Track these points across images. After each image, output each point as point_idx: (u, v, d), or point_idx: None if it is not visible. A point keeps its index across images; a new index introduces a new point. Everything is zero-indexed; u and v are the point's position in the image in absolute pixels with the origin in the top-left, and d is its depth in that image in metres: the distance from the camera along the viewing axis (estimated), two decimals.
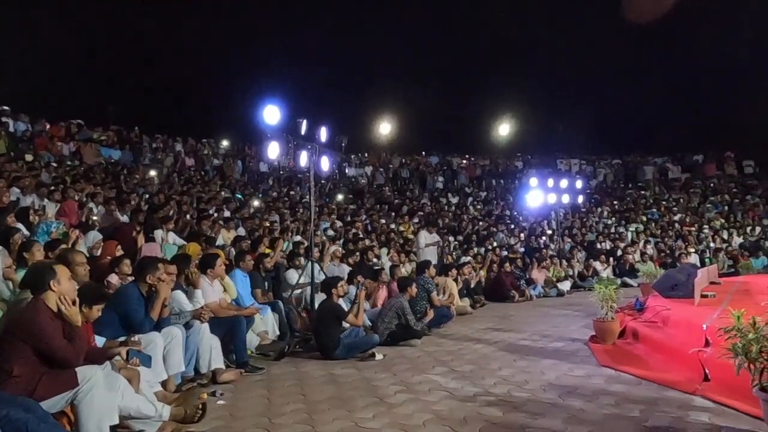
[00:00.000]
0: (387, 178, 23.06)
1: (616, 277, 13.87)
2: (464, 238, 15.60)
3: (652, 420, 3.70)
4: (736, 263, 15.06)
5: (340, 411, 4.19)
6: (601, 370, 5.19)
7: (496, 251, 14.04)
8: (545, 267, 13.48)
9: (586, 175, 24.58)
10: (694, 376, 4.58)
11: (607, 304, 6.47)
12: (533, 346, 6.57)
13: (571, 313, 9.43)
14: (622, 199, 22.37)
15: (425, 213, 17.69)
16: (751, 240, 16.98)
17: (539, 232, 17.37)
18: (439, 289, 9.34)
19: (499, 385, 4.78)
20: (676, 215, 19.98)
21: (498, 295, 11.73)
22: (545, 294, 12.51)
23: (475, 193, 22.45)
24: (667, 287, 7.60)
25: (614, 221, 19.40)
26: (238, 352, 5.62)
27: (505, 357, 5.94)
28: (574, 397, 4.33)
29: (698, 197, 22.27)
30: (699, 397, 4.17)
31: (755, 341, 3.17)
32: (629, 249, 15.73)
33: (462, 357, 6.07)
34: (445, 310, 8.49)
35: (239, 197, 15.39)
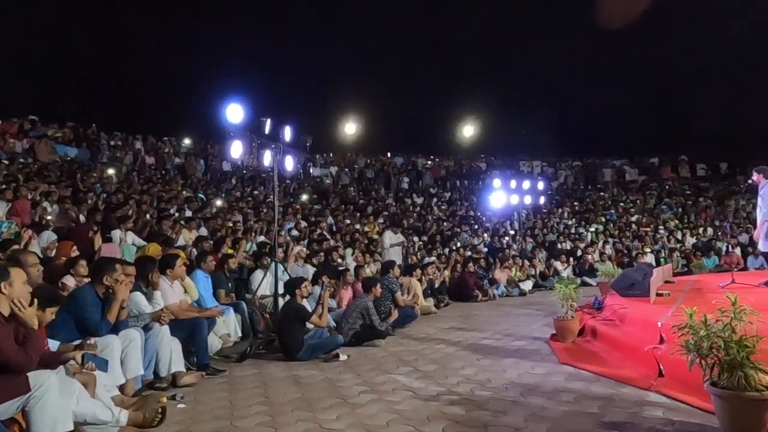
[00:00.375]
0: (352, 178, 23.05)
1: (576, 276, 14.21)
2: (429, 239, 15.70)
3: (609, 416, 3.79)
4: (690, 263, 15.62)
5: (303, 412, 4.16)
6: (561, 368, 5.30)
7: (459, 251, 14.17)
8: (508, 267, 13.69)
9: (548, 177, 25.10)
10: (649, 372, 4.71)
11: (567, 303, 6.62)
12: (496, 345, 6.65)
13: (533, 312, 9.60)
14: (582, 201, 22.93)
15: (390, 213, 17.74)
16: (703, 240, 17.62)
17: (502, 232, 17.63)
18: (403, 289, 9.38)
19: (462, 384, 4.82)
20: (633, 216, 20.59)
21: (462, 294, 11.85)
22: (508, 293, 12.70)
23: (439, 194, 22.65)
24: (624, 286, 7.81)
25: (574, 222, 19.86)
26: (199, 354, 5.52)
27: (468, 356, 6.01)
28: (534, 394, 4.40)
29: (654, 199, 23.01)
30: (654, 392, 4.29)
31: (706, 338, 3.28)
32: (589, 249, 16.12)
33: (426, 356, 6.11)
34: (409, 310, 8.53)
35: (201, 197, 15.13)
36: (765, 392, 3.11)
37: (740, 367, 3.13)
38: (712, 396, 3.31)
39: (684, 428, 3.49)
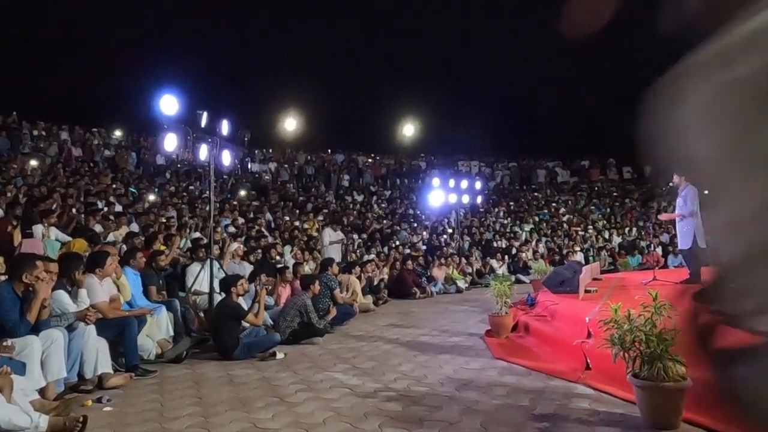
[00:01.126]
0: (292, 174, 22.77)
1: (511, 274, 14.64)
2: (368, 236, 15.75)
3: (540, 408, 3.92)
4: (616, 261, 16.41)
5: (238, 412, 4.07)
6: (495, 363, 5.44)
7: (399, 249, 14.31)
8: (445, 265, 13.93)
9: (485, 177, 25.68)
10: (577, 365, 4.92)
11: (502, 300, 6.81)
12: (432, 341, 6.75)
13: (469, 308, 9.81)
14: (517, 200, 23.62)
15: (330, 211, 17.67)
16: (628, 240, 18.56)
17: (440, 230, 17.92)
18: (342, 286, 9.37)
19: (399, 380, 4.86)
20: (564, 216, 21.41)
21: (400, 292, 11.96)
22: (445, 291, 12.93)
23: (379, 192, 22.75)
24: (555, 283, 8.10)
25: (510, 221, 20.44)
26: (128, 354, 5.30)
27: (406, 353, 6.07)
28: (469, 389, 4.50)
29: (584, 200, 24.01)
30: (581, 384, 4.47)
31: (629, 332, 3.46)
32: (523, 247, 16.65)
33: (364, 354, 6.12)
34: (348, 307, 8.52)
35: (133, 191, 14.53)
36: (681, 382, 3.31)
37: (659, 359, 3.31)
38: (634, 387, 3.48)
39: (608, 418, 3.65)
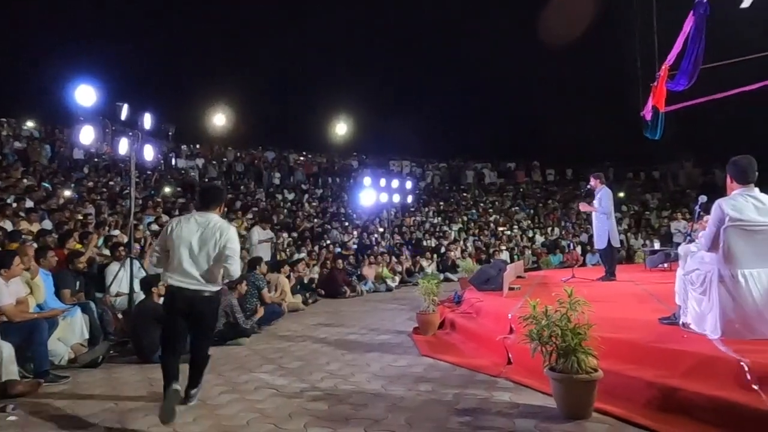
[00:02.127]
0: (220, 171, 22.16)
1: (440, 272, 14.95)
2: (299, 235, 15.59)
3: (463, 403, 4.03)
4: (538, 259, 17.09)
5: (156, 417, 3.90)
6: (422, 360, 5.53)
7: (329, 248, 14.25)
8: (376, 263, 14.01)
9: (416, 177, 26.07)
10: (499, 360, 5.08)
11: (429, 298, 6.93)
12: (361, 339, 6.78)
13: (398, 307, 9.92)
14: (447, 200, 24.10)
15: (260, 209, 17.33)
16: (550, 239, 19.37)
17: (371, 229, 18.00)
18: (270, 285, 9.23)
19: (326, 379, 4.85)
20: (491, 216, 22.06)
21: (330, 290, 11.92)
22: (375, 289, 13.01)
23: (311, 190, 22.56)
24: (481, 281, 8.35)
25: (439, 220, 20.84)
26: (37, 359, 4.98)
27: (334, 352, 6.05)
28: (396, 386, 4.55)
29: (510, 200, 24.84)
30: (503, 379, 4.62)
31: (546, 327, 3.62)
32: (451, 246, 17.01)
33: (291, 354, 6.06)
34: (276, 307, 8.40)
35: (46, 186, 13.65)
36: (593, 374, 3.49)
37: (573, 352, 3.48)
38: (550, 379, 3.65)
39: (527, 410, 3.80)
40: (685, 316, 4.56)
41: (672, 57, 8.14)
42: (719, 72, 10.19)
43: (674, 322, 4.70)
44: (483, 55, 29.97)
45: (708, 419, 3.25)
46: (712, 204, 4.20)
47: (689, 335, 4.30)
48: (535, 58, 28.33)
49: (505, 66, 29.28)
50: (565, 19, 24.69)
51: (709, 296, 4.22)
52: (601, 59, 24.11)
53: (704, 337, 4.15)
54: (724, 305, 4.08)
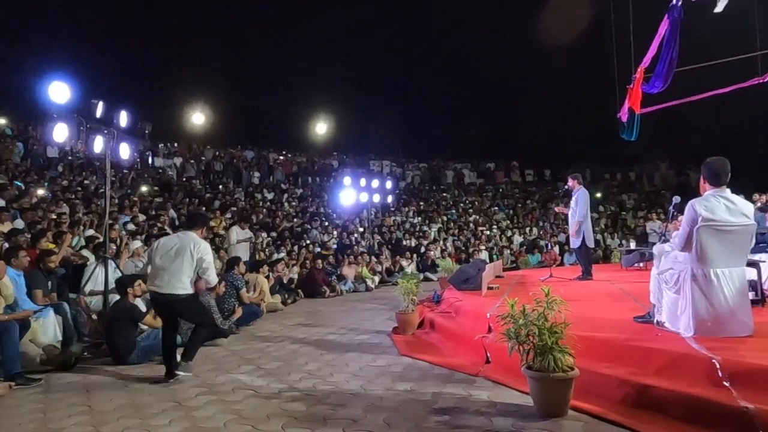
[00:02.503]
0: (199, 170, 21.91)
1: (419, 272, 14.98)
2: (278, 235, 15.50)
3: (441, 402, 4.04)
4: (517, 259, 17.23)
5: (131, 419, 3.86)
6: (401, 359, 5.53)
7: (309, 248, 14.19)
8: (356, 263, 13.99)
9: (396, 177, 26.07)
10: (477, 359, 5.11)
11: (409, 298, 6.94)
12: (340, 339, 6.76)
13: (377, 307, 9.92)
14: (427, 200, 24.17)
15: (239, 208, 17.18)
16: (529, 239, 19.54)
17: (351, 229, 17.97)
18: (249, 286, 9.15)
19: (304, 380, 4.82)
20: (471, 216, 22.18)
21: (310, 290, 11.87)
22: (355, 289, 12.99)
23: (290, 190, 22.43)
24: (460, 281, 8.40)
25: (419, 220, 20.88)
26: (7, 362, 4.87)
27: (313, 352, 6.03)
28: (374, 386, 4.54)
29: (489, 200, 24.99)
30: (482, 378, 4.65)
31: (524, 326, 3.64)
32: (431, 246, 17.07)
33: (269, 354, 6.01)
34: (254, 307, 8.34)
35: (18, 185, 13.35)
36: (569, 372, 3.53)
37: (550, 351, 3.51)
38: (528, 378, 3.68)
39: (504, 408, 3.83)
40: (660, 315, 4.64)
41: (647, 60, 8.28)
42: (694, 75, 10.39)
43: (649, 320, 4.78)
44: (464, 56, 30.23)
45: (680, 416, 3.30)
46: (686, 204, 4.27)
47: (663, 333, 4.37)
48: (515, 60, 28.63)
49: (485, 67, 29.55)
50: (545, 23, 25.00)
51: (682, 295, 4.30)
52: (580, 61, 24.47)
53: (678, 335, 4.22)
54: (696, 304, 4.16)
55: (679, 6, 6.87)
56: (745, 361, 3.45)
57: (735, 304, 4.09)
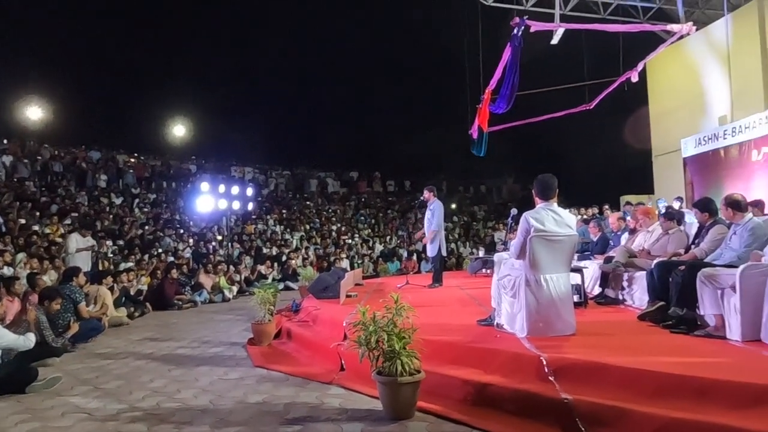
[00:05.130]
0: (33, 171, 19.63)
1: (281, 281, 14.77)
2: (126, 243, 14.39)
3: (293, 412, 4.00)
4: (377, 267, 17.68)
5: None
6: (255, 371, 5.39)
7: (161, 257, 13.35)
8: (213, 272, 13.42)
9: (258, 184, 25.52)
10: (332, 367, 5.14)
11: (265, 307, 6.79)
12: (191, 353, 6.42)
13: (234, 317, 9.59)
14: (290, 209, 23.93)
15: (81, 214, 15.69)
16: (389, 247, 20.16)
17: (209, 237, 17.23)
18: (90, 298, 8.39)
19: (148, 398, 4.51)
20: (334, 225, 22.36)
21: (161, 302, 11.15)
22: (211, 300, 12.44)
23: (142, 195, 20.95)
24: (319, 289, 8.42)
25: (281, 229, 20.60)
26: None
27: (159, 368, 5.66)
28: (225, 400, 4.38)
29: (352, 209, 25.39)
30: (335, 385, 4.68)
31: (374, 333, 3.74)
32: (293, 255, 16.90)
33: (110, 372, 5.54)
34: (94, 322, 7.64)
35: None
36: (416, 375, 3.69)
37: (398, 356, 3.65)
38: (377, 383, 3.78)
39: (355, 414, 3.89)
40: (499, 318, 5.03)
41: (493, 83, 8.99)
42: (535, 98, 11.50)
43: (490, 323, 5.15)
44: (329, 66, 30.56)
45: (513, 410, 3.60)
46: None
47: (502, 335, 4.74)
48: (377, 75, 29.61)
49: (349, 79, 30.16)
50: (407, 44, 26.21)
51: (518, 299, 4.70)
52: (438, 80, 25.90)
53: (514, 336, 4.60)
54: (530, 307, 4.57)
55: (519, 36, 7.56)
56: (568, 357, 3.85)
57: (561, 305, 4.57)
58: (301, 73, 30.26)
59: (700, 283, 4.46)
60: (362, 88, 29.89)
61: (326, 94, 30.20)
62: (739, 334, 4.17)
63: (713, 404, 3.06)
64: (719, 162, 13.28)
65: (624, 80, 10.77)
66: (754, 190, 10.71)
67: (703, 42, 15.75)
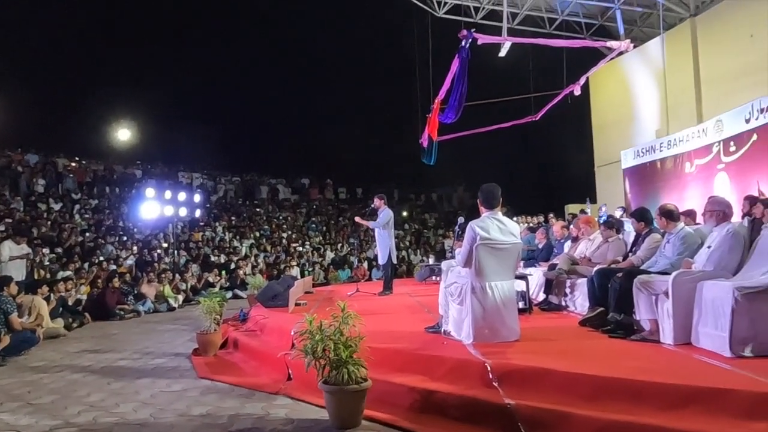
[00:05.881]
0: None
1: (229, 289, 14.47)
2: (65, 251, 13.79)
3: (237, 424, 3.92)
4: (328, 275, 17.59)
5: None
6: (199, 383, 5.26)
7: (102, 265, 12.87)
8: (157, 281, 13.02)
9: (207, 190, 24.97)
10: (279, 377, 5.07)
11: (211, 317, 6.64)
12: (132, 365, 6.20)
13: (179, 327, 9.33)
14: (240, 215, 23.51)
15: (15, 220, 14.92)
16: (340, 255, 20.10)
17: (154, 245, 16.72)
18: (23, 309, 7.97)
19: (84, 413, 4.32)
20: (285, 232, 22.11)
21: (102, 312, 10.74)
22: (155, 309, 12.06)
23: (84, 201, 20.11)
24: (267, 298, 8.31)
25: (230, 236, 20.20)
26: None
27: (98, 381, 5.44)
28: (166, 413, 4.25)
29: (303, 217, 25.19)
30: (282, 395, 4.62)
31: (320, 341, 3.72)
32: (242, 263, 16.61)
33: (43, 387, 5.28)
34: (28, 334, 7.25)
35: None
36: (362, 384, 3.68)
37: (345, 364, 3.64)
38: (324, 392, 3.75)
39: (301, 424, 3.85)
40: (447, 325, 5.10)
41: (442, 93, 9.14)
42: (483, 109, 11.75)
43: (437, 330, 5.21)
44: (281, 71, 30.30)
45: (458, 416, 3.64)
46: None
47: (449, 342, 4.80)
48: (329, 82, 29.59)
49: (303, 85, 30.01)
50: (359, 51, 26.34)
51: (464, 306, 4.78)
52: (390, 88, 26.08)
53: (460, 343, 4.67)
54: (475, 314, 4.65)
55: (467, 48, 7.73)
56: (511, 362, 3.93)
57: (505, 312, 4.68)
58: (253, 77, 29.83)
59: (636, 289, 4.65)
60: (315, 95, 29.78)
61: (278, 99, 29.86)
62: (671, 338, 4.37)
63: (647, 405, 3.20)
64: (656, 173, 13.92)
65: (567, 93, 11.15)
66: (688, 201, 11.27)
67: (641, 58, 16.54)
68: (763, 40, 12.54)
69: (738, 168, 10.97)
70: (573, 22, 17.66)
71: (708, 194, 7.67)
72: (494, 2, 16.68)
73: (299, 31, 28.73)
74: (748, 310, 3.87)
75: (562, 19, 17.36)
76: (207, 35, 28.71)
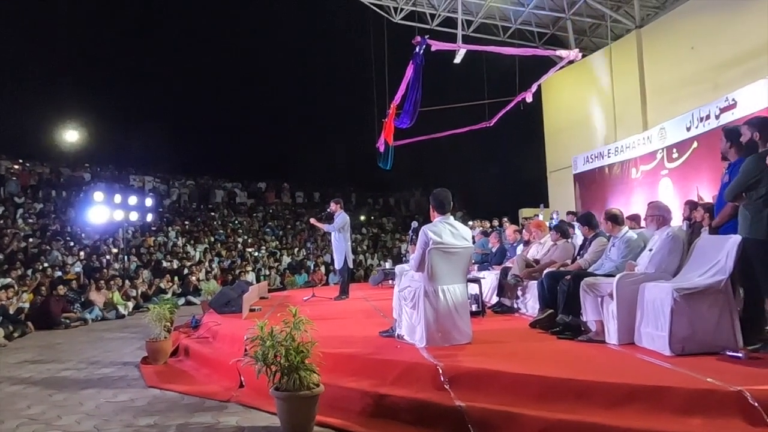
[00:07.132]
0: None
1: (181, 296, 14.15)
2: (7, 257, 13.20)
3: None
4: (284, 279, 17.41)
5: None
6: (147, 392, 5.11)
7: (47, 272, 12.37)
8: (106, 288, 12.60)
9: (160, 194, 24.35)
10: (231, 384, 4.99)
11: (161, 324, 6.48)
12: (76, 376, 5.98)
13: (128, 335, 9.06)
14: (194, 220, 23.02)
15: None
16: (297, 260, 19.92)
17: (103, 250, 16.19)
18: None
19: (23, 426, 4.14)
20: (240, 237, 21.76)
21: (45, 321, 10.31)
22: (104, 317, 11.67)
23: (27, 204, 19.30)
24: (221, 304, 8.15)
25: (184, 241, 19.75)
26: None
27: (39, 393, 5.21)
28: (112, 424, 4.11)
29: (259, 221, 24.85)
30: (234, 403, 4.54)
31: (271, 347, 3.68)
32: (195, 268, 16.26)
33: None
34: None
35: None
36: (314, 389, 3.66)
37: (296, 370, 3.60)
38: (275, 399, 3.71)
39: None
40: (400, 329, 5.12)
41: (398, 98, 9.22)
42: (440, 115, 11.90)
43: (391, 334, 5.23)
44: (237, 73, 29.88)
45: (410, 420, 3.67)
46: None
47: (402, 346, 4.83)
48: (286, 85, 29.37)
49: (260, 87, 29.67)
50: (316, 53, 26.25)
51: (417, 310, 4.81)
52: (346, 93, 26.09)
53: (413, 347, 4.70)
54: (428, 317, 4.70)
55: (421, 54, 7.82)
56: (463, 365, 3.99)
57: (457, 316, 4.74)
58: (208, 79, 29.31)
59: (583, 291, 4.80)
60: (272, 97, 29.48)
61: (234, 101, 29.43)
62: (616, 338, 4.52)
63: (592, 404, 3.30)
64: (604, 178, 14.38)
65: (520, 100, 11.42)
66: (633, 205, 11.68)
67: (590, 67, 17.08)
68: (704, 51, 13.14)
69: (680, 174, 11.45)
70: (526, 30, 18.09)
71: (653, 199, 7.99)
72: (450, 9, 16.92)
73: (255, 33, 28.40)
74: (687, 310, 4.05)
75: (516, 27, 17.76)
76: (160, 35, 28.02)
